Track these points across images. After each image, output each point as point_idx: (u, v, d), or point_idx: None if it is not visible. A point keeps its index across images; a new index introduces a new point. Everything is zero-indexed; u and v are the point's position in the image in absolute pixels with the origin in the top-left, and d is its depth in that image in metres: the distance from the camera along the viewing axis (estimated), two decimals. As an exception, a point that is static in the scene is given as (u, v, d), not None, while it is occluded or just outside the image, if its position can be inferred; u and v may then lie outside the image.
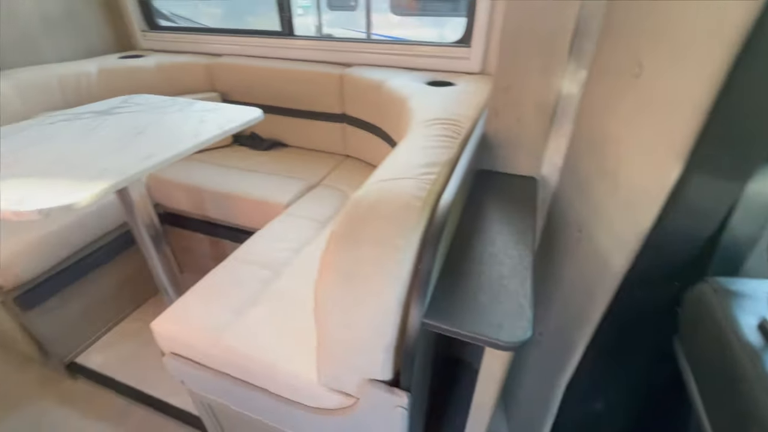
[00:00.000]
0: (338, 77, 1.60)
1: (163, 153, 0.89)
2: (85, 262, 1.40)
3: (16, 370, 1.46)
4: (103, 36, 1.95)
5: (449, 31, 4.33)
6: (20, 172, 0.80)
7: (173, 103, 1.26)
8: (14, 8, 1.59)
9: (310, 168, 1.66)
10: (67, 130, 1.02)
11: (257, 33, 1.85)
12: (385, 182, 0.67)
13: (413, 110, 1.10)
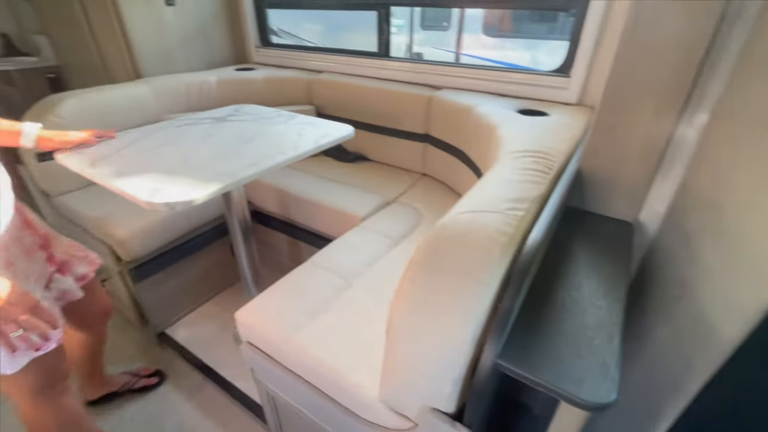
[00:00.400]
0: (427, 99, 1.64)
1: (266, 162, 0.99)
2: (186, 246, 1.59)
3: (120, 332, 1.69)
4: (224, 50, 2.23)
5: (543, 55, 4.19)
6: (155, 168, 0.95)
7: (278, 114, 1.39)
8: (162, 27, 1.89)
9: (388, 183, 1.71)
10: (191, 134, 1.18)
11: (355, 53, 1.98)
12: (471, 214, 0.67)
13: (502, 139, 1.08)
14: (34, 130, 0.97)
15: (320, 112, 1.97)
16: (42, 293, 0.84)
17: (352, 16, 4.91)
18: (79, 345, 1.18)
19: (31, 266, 0.84)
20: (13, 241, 0.80)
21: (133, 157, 1.01)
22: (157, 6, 1.85)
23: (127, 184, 0.86)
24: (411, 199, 1.60)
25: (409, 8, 4.49)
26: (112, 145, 1.09)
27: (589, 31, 1.30)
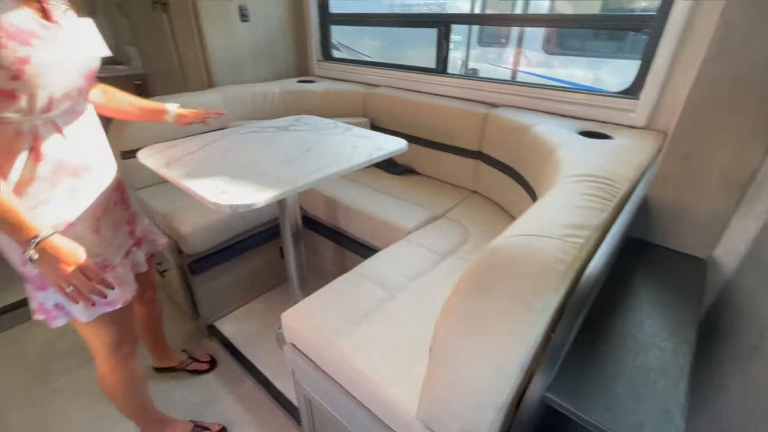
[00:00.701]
0: (483, 116, 1.62)
1: (322, 171, 1.03)
2: (239, 245, 1.68)
3: (173, 320, 1.82)
4: (289, 63, 2.36)
5: (606, 74, 3.99)
6: (222, 171, 1.02)
7: (334, 126, 1.45)
8: (236, 41, 2.05)
9: (436, 198, 1.71)
10: (256, 141, 1.26)
11: (413, 69, 2.01)
12: (527, 237, 0.65)
13: (561, 161, 1.04)
14: (174, 108, 1.17)
15: (374, 125, 2.02)
16: (120, 260, 0.96)
17: (410, 32, 4.97)
18: (140, 315, 1.31)
19: (115, 236, 0.96)
20: (105, 213, 0.92)
21: (202, 161, 1.10)
22: (233, 22, 2.01)
23: (197, 185, 0.94)
24: (459, 216, 1.58)
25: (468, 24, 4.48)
26: (184, 148, 1.19)
27: (664, 52, 1.23)
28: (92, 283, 0.77)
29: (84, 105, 0.88)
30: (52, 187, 0.80)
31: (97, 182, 0.89)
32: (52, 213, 0.80)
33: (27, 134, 0.75)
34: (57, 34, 0.76)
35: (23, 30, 0.70)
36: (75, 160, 0.83)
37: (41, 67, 0.71)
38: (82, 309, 0.87)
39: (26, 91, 0.71)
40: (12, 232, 0.72)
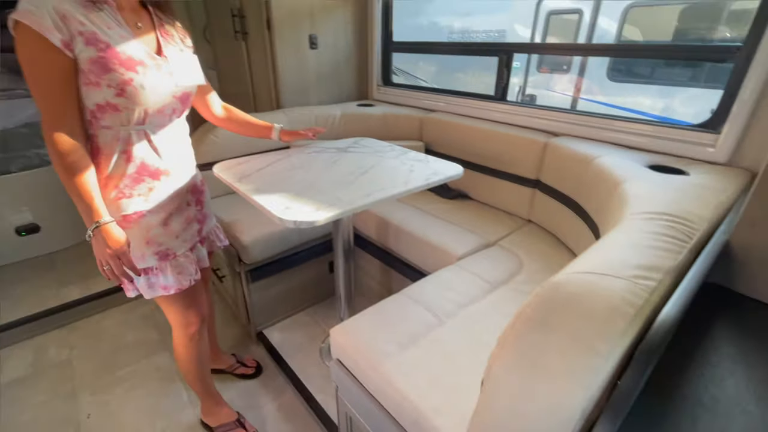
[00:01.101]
0: (542, 145, 1.59)
1: (379, 194, 1.06)
2: (293, 257, 1.76)
3: (228, 324, 1.92)
4: (350, 87, 2.48)
5: (679, 104, 3.73)
6: (287, 188, 1.09)
7: (391, 149, 1.49)
8: (304, 66, 2.20)
9: (489, 225, 1.68)
10: (318, 161, 1.33)
11: (471, 95, 2.03)
12: (592, 275, 0.62)
13: (628, 196, 0.99)
14: (279, 126, 1.36)
15: (429, 149, 2.05)
16: (184, 252, 1.08)
17: (466, 58, 5.03)
18: None
19: (184, 231, 1.08)
20: (178, 210, 1.05)
21: (269, 177, 1.18)
22: (303, 49, 2.16)
23: (264, 200, 1.01)
24: (512, 245, 1.53)
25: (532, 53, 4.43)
26: (253, 165, 1.29)
27: (753, 84, 1.14)
28: (122, 267, 0.90)
29: (175, 120, 1.01)
30: (135, 183, 0.95)
31: (172, 184, 1.03)
32: (133, 204, 0.96)
33: (123, 139, 0.91)
34: (161, 65, 0.92)
35: (132, 59, 0.86)
36: (155, 164, 0.97)
37: (139, 89, 0.86)
38: (145, 287, 1.03)
39: (126, 106, 0.87)
40: (84, 212, 0.87)
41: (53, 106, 0.82)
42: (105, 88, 0.83)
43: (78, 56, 0.81)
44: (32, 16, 0.75)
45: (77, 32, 0.79)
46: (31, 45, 0.77)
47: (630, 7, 3.57)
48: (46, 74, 0.79)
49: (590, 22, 3.97)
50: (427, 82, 4.84)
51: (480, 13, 5.16)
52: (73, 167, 0.84)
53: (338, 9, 2.23)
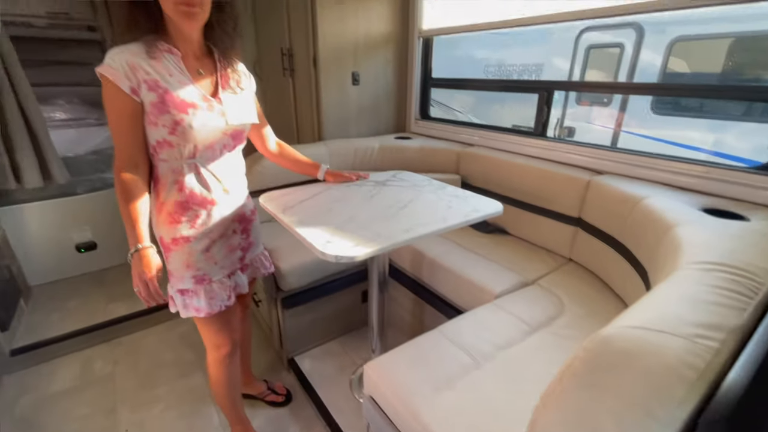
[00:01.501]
0: (584, 183, 1.55)
1: (418, 230, 1.07)
2: (328, 285, 1.78)
3: (261, 349, 1.95)
4: (389, 120, 2.56)
5: (733, 139, 3.53)
6: (328, 222, 1.12)
7: (429, 183, 1.51)
8: (346, 100, 2.30)
9: (528, 263, 1.64)
10: (357, 194, 1.37)
11: (509, 131, 2.03)
12: (645, 331, 0.59)
13: (682, 242, 0.94)
14: (324, 167, 1.44)
15: (465, 181, 2.05)
16: (221, 278, 1.14)
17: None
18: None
19: (225, 258, 1.15)
20: (222, 237, 1.12)
21: (311, 210, 1.22)
22: (345, 86, 2.27)
23: (307, 233, 1.04)
24: (552, 285, 1.48)
25: (567, 80, 4.38)
26: (297, 196, 1.34)
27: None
28: (149, 290, 0.96)
29: (226, 154, 1.10)
30: (184, 211, 1.04)
31: (218, 214, 1.10)
32: (181, 229, 1.04)
33: (176, 171, 1.02)
34: (214, 106, 1.02)
35: (186, 101, 0.97)
36: (203, 194, 1.06)
37: (188, 128, 0.97)
38: (181, 307, 1.11)
39: (179, 143, 0.98)
40: (130, 235, 0.96)
41: (124, 141, 0.95)
42: (161, 127, 0.95)
43: (143, 100, 0.94)
44: (110, 69, 0.90)
45: (143, 80, 0.92)
46: (109, 92, 0.92)
47: (675, 41, 3.48)
48: (118, 115, 0.93)
49: (632, 55, 3.90)
50: (464, 113, 4.89)
51: (517, 46, 5.21)
52: (129, 194, 0.95)
53: (380, 48, 2.34)
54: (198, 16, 0.94)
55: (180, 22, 0.94)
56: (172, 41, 0.99)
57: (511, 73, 5.26)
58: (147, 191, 1.00)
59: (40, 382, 1.75)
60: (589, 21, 1.63)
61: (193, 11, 0.92)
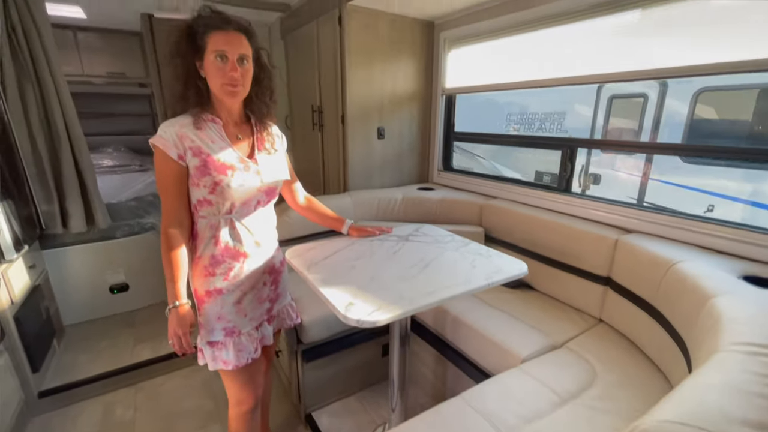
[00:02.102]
0: (612, 242, 1.51)
1: (441, 293, 1.07)
2: (349, 338, 1.76)
3: (279, 400, 1.91)
4: (412, 171, 2.63)
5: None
6: (350, 280, 1.14)
7: (452, 239, 1.51)
8: (371, 153, 2.39)
9: (555, 322, 1.57)
10: (380, 250, 1.39)
11: (532, 185, 2.04)
12: (686, 428, 0.56)
13: (722, 317, 0.89)
14: (349, 222, 1.50)
15: (488, 234, 2.04)
16: (249, 330, 1.18)
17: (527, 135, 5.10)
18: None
19: (254, 310, 1.20)
20: (253, 289, 1.18)
21: (335, 267, 1.24)
22: (371, 140, 2.37)
23: (330, 293, 1.06)
24: (582, 348, 1.41)
25: (590, 129, 4.39)
26: (321, 252, 1.37)
27: None
28: (182, 344, 1.06)
29: (260, 209, 1.18)
30: (218, 264, 1.11)
31: (250, 266, 1.16)
32: (215, 281, 1.11)
33: (213, 226, 1.10)
34: (250, 166, 1.11)
35: (225, 164, 1.06)
36: (237, 247, 1.13)
37: (226, 188, 1.06)
38: (210, 359, 1.15)
39: (218, 201, 1.07)
40: (169, 291, 1.05)
41: (171, 201, 1.05)
42: (202, 187, 1.05)
43: (188, 164, 1.04)
44: (161, 139, 1.02)
45: (188, 147, 1.03)
46: (159, 159, 1.03)
47: (701, 91, 3.48)
48: (167, 178, 1.04)
49: (657, 104, 3.89)
50: (487, 158, 4.94)
51: (540, 93, 5.28)
52: (174, 250, 1.04)
53: (405, 104, 2.45)
54: (239, 94, 1.07)
55: (224, 98, 1.07)
56: (215, 112, 1.11)
57: (533, 121, 5.33)
58: (188, 248, 1.09)
59: (64, 426, 1.77)
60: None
61: (236, 90, 1.05)
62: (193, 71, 1.05)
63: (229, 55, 1.01)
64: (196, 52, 1.03)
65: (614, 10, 1.55)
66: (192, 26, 1.03)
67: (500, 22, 2.00)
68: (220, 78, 1.02)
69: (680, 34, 1.39)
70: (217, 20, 1.03)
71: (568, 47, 1.74)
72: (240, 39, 1.03)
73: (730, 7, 1.28)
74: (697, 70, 1.38)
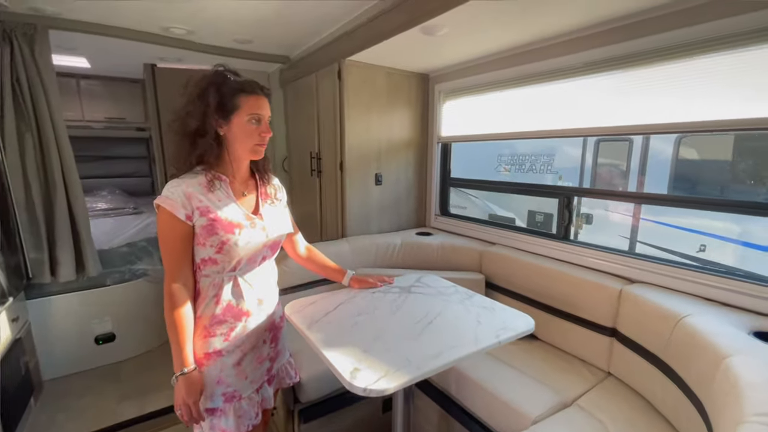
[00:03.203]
0: (616, 292, 1.50)
1: (448, 354, 1.03)
2: (345, 397, 1.67)
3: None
4: (409, 216, 2.64)
5: (762, 229, 3.43)
6: (354, 341, 1.10)
7: (455, 291, 1.49)
8: (368, 199, 2.41)
9: (563, 376, 1.52)
10: (382, 303, 1.35)
11: (530, 232, 2.05)
12: None
13: (740, 381, 0.87)
14: (350, 274, 1.46)
15: (489, 281, 2.02)
16: (250, 394, 1.13)
17: (520, 172, 5.24)
18: None
19: (254, 371, 1.15)
20: (253, 349, 1.14)
21: (337, 325, 1.20)
22: (369, 186, 2.40)
23: (334, 357, 1.01)
24: (594, 406, 1.35)
25: (579, 169, 4.52)
26: (322, 306, 1.33)
27: None
28: (192, 413, 1.01)
29: (264, 264, 1.16)
30: (219, 324, 1.07)
31: (252, 324, 1.12)
32: (215, 342, 1.06)
33: (216, 285, 1.07)
34: (256, 222, 1.10)
35: (232, 222, 1.05)
36: (239, 305, 1.09)
37: (234, 246, 1.04)
38: (207, 429, 1.08)
39: (223, 260, 1.04)
40: (176, 355, 1.00)
41: (176, 261, 1.02)
42: (209, 247, 1.03)
43: (195, 224, 1.02)
44: (168, 200, 1.00)
45: (196, 207, 1.02)
46: (165, 219, 1.01)
47: (682, 136, 3.65)
48: (172, 239, 1.01)
49: (642, 147, 4.07)
50: (479, 197, 5.00)
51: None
52: (179, 310, 1.00)
53: (401, 151, 2.50)
54: (263, 152, 1.11)
55: (251, 157, 1.10)
56: (222, 169, 1.10)
57: (523, 162, 5.48)
58: (193, 307, 1.05)
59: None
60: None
61: (264, 148, 1.10)
62: (210, 129, 1.04)
63: (263, 118, 1.06)
64: (222, 112, 1.03)
65: (597, 70, 1.64)
66: (220, 86, 1.03)
67: (492, 77, 2.10)
68: (253, 139, 1.05)
69: (661, 93, 1.47)
70: (251, 85, 1.06)
71: (558, 101, 1.81)
72: (266, 103, 1.08)
73: (709, 69, 1.35)
74: (675, 128, 1.46)
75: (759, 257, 3.44)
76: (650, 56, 1.46)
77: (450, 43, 1.85)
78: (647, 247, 4.06)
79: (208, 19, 2.01)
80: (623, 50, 1.53)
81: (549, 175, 5.21)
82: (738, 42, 1.24)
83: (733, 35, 1.24)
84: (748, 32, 1.21)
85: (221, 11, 1.88)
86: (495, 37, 1.78)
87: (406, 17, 1.64)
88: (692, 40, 1.33)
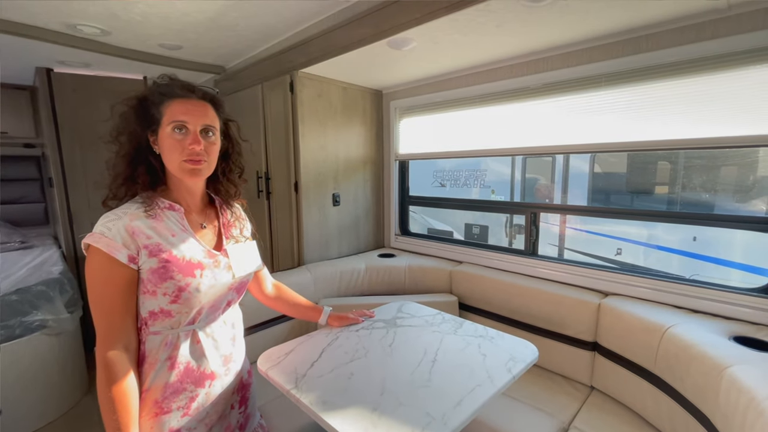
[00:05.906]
0: (594, 306, 1.52)
1: (471, 400, 0.91)
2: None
3: None
4: (368, 238, 2.50)
5: (662, 232, 3.96)
6: (358, 397, 0.91)
7: (442, 319, 1.37)
8: (326, 222, 2.22)
9: (552, 397, 1.49)
10: (371, 342, 1.19)
11: (498, 249, 2.04)
12: None
13: (754, 394, 0.87)
14: (327, 311, 1.26)
15: (462, 303, 1.95)
16: None
17: (458, 191, 5.50)
18: None
19: None
20: (220, 420, 0.91)
21: (330, 377, 1.01)
22: (327, 207, 2.21)
23: (340, 425, 0.82)
24: (591, 428, 1.32)
25: (510, 183, 4.87)
26: (303, 355, 1.12)
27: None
28: None
29: (227, 310, 0.94)
30: (176, 395, 0.83)
31: (218, 388, 0.90)
32: (169, 423, 0.83)
33: (170, 344, 0.83)
34: (219, 260, 0.89)
35: (191, 262, 0.83)
36: (201, 367, 0.87)
37: (194, 293, 0.82)
38: None
39: (180, 311, 0.82)
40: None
41: (113, 318, 0.78)
42: (161, 296, 0.80)
43: (141, 267, 0.79)
44: (104, 239, 0.76)
45: (143, 245, 0.79)
46: (99, 264, 0.77)
47: (594, 155, 4.18)
48: (110, 290, 0.77)
49: (564, 163, 4.53)
50: (416, 212, 5.09)
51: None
52: (120, 387, 0.75)
53: (359, 170, 2.37)
54: (203, 172, 0.87)
55: (184, 178, 0.85)
56: (172, 197, 0.88)
57: (459, 177, 5.73)
58: (137, 378, 0.80)
59: None
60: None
61: (198, 168, 0.84)
62: (144, 146, 0.84)
63: (190, 126, 0.82)
64: (150, 125, 0.83)
65: (553, 92, 1.70)
66: (146, 96, 0.84)
67: (447, 95, 2.09)
68: (178, 153, 0.81)
69: (609, 113, 1.58)
70: (176, 87, 0.85)
71: (516, 120, 1.86)
72: (204, 108, 0.86)
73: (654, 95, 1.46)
74: (622, 147, 1.56)
75: (662, 257, 4.01)
76: (599, 80, 1.56)
77: (412, 58, 1.80)
78: (574, 252, 4.48)
79: (131, 19, 1.69)
80: (578, 73, 1.60)
81: (482, 189, 5.55)
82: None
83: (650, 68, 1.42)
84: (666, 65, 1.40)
85: (151, 9, 1.59)
86: (456, 55, 1.76)
87: (371, 30, 1.54)
88: (639, 66, 1.47)
